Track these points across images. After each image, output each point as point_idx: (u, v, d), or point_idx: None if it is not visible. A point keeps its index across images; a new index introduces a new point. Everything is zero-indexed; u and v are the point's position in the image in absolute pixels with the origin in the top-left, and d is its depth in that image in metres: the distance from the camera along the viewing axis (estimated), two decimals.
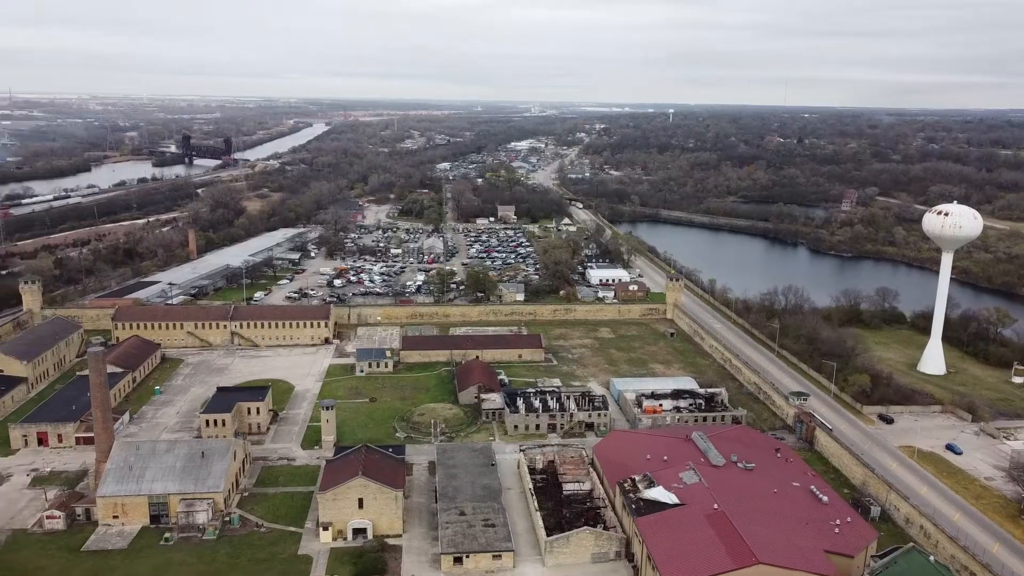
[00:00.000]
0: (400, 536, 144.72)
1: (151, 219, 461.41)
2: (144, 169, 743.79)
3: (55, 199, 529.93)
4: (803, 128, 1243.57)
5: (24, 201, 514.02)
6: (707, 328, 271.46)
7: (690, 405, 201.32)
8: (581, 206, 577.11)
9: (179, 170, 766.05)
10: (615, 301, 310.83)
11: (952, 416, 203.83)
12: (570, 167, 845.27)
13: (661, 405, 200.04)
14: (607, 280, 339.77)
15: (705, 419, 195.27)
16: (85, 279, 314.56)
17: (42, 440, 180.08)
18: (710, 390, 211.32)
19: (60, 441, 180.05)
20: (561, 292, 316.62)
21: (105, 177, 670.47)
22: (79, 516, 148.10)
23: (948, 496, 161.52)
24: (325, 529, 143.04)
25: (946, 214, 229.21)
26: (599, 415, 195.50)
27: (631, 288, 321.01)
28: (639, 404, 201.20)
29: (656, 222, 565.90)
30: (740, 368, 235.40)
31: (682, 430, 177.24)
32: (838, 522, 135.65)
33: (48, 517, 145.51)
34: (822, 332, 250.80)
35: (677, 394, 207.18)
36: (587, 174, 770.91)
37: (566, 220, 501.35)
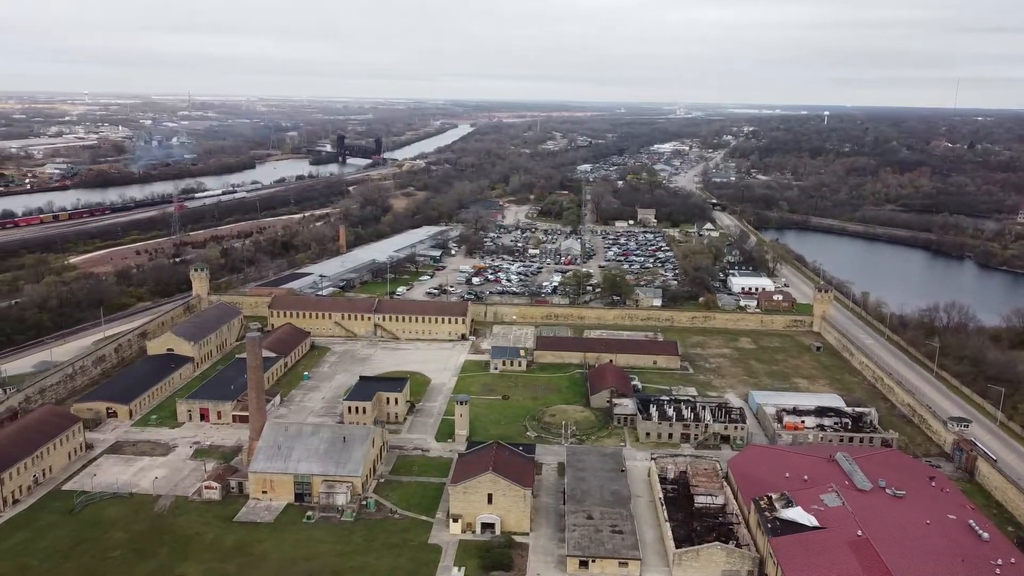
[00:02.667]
0: (527, 534, 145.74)
1: (306, 214, 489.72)
2: (302, 167, 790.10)
3: (223, 194, 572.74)
4: (975, 132, 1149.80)
5: (197, 195, 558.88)
6: (857, 343, 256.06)
7: (835, 424, 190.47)
8: (725, 211, 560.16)
9: (333, 168, 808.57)
10: (758, 310, 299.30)
11: None
12: (715, 171, 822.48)
13: (803, 422, 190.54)
14: (750, 288, 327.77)
15: (851, 440, 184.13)
16: (246, 268, 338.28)
17: (204, 416, 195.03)
18: (858, 409, 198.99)
19: (219, 418, 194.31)
20: (700, 299, 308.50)
21: (267, 174, 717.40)
22: (233, 489, 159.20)
23: None
24: (455, 521, 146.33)
25: None
26: (736, 428, 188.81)
27: (775, 298, 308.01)
28: (779, 419, 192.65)
29: (805, 230, 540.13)
30: (892, 388, 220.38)
31: (825, 449, 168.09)
32: (1000, 562, 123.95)
33: (206, 487, 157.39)
34: (989, 354, 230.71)
35: (821, 411, 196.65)
36: (732, 178, 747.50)
37: (708, 225, 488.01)
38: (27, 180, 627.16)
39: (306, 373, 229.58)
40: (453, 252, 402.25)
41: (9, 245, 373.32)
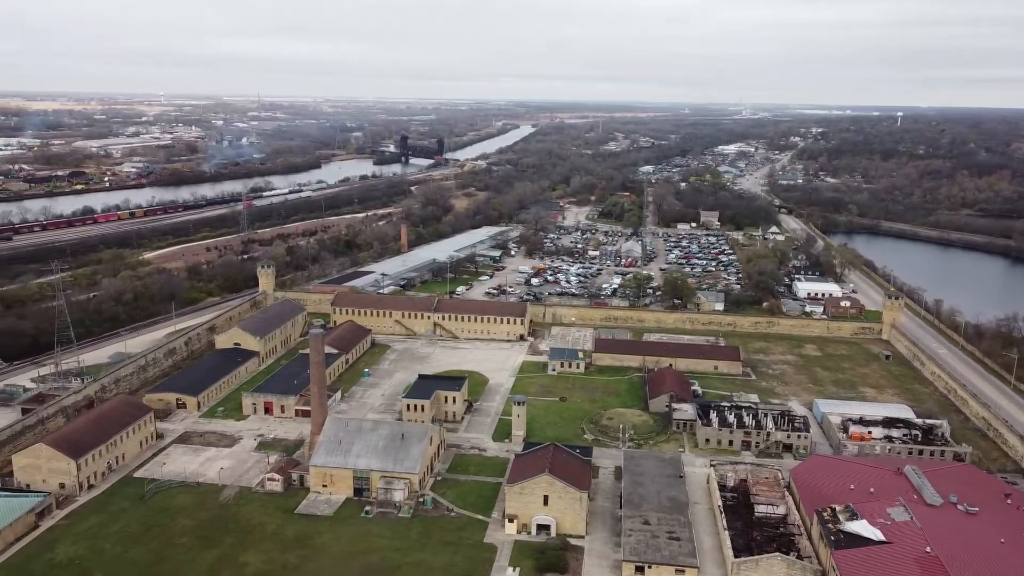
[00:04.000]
0: (582, 537, 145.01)
1: (369, 213, 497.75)
2: (365, 167, 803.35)
3: (289, 192, 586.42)
4: None
5: (265, 194, 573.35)
6: (929, 353, 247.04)
7: (904, 436, 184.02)
8: (791, 214, 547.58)
9: (396, 168, 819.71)
10: (824, 317, 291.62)
11: None
12: (781, 173, 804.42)
13: (870, 432, 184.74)
14: (816, 294, 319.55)
15: (921, 453, 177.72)
16: (311, 266, 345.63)
17: (268, 409, 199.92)
18: (929, 421, 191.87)
19: (282, 411, 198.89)
20: (764, 304, 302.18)
21: (332, 174, 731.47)
22: (294, 481, 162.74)
23: None
24: (511, 521, 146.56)
25: None
26: (799, 436, 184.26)
27: (843, 304, 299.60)
28: (845, 429, 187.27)
29: (875, 234, 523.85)
30: (967, 400, 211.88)
31: (893, 462, 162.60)
32: None
33: (269, 479, 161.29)
34: None
35: (890, 422, 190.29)
36: (800, 180, 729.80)
37: (773, 228, 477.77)
38: (106, 178, 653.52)
39: (366, 370, 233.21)
40: (513, 252, 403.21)
41: (89, 240, 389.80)
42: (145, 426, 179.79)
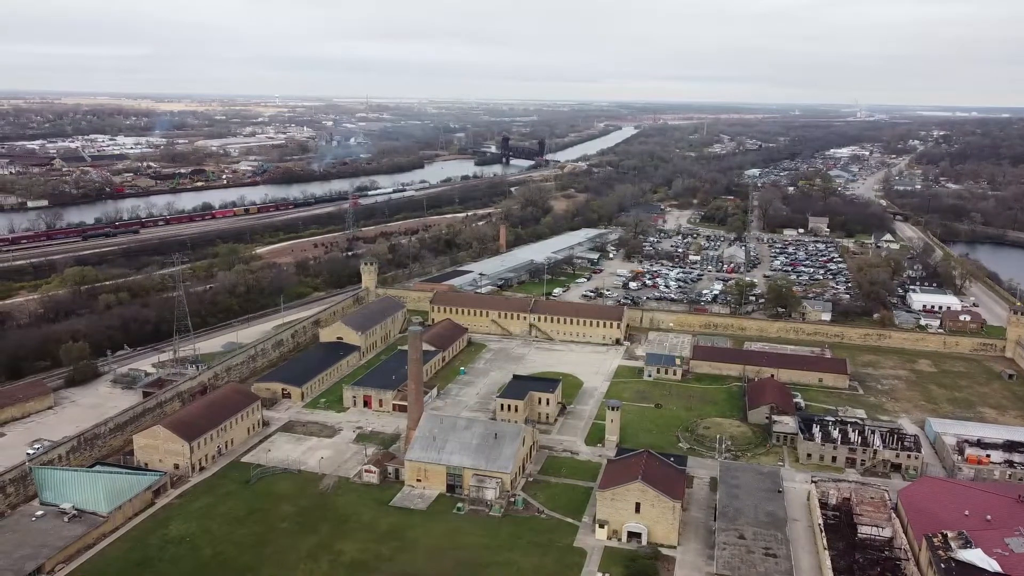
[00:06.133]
0: (674, 547, 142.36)
1: (469, 213, 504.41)
2: (467, 167, 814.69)
3: (393, 192, 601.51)
4: None
5: (370, 193, 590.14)
6: None
7: None
8: (908, 221, 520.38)
9: (496, 169, 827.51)
10: (940, 331, 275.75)
11: None
12: (898, 178, 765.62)
13: (989, 456, 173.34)
14: (932, 306, 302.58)
15: None
16: (411, 264, 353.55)
17: (367, 402, 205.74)
18: None
19: (381, 405, 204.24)
20: (875, 315, 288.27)
21: (435, 173, 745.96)
22: (390, 474, 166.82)
23: None
24: (601, 527, 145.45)
25: None
26: (909, 456, 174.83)
27: (962, 318, 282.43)
28: (960, 451, 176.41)
29: (1001, 244, 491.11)
30: None
31: (1014, 488, 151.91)
32: None
33: (366, 471, 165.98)
34: None
35: (1012, 446, 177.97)
36: (918, 186, 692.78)
37: (887, 236, 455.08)
38: (224, 176, 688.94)
39: (462, 368, 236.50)
40: (611, 255, 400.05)
41: (208, 235, 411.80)
42: (253, 413, 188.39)
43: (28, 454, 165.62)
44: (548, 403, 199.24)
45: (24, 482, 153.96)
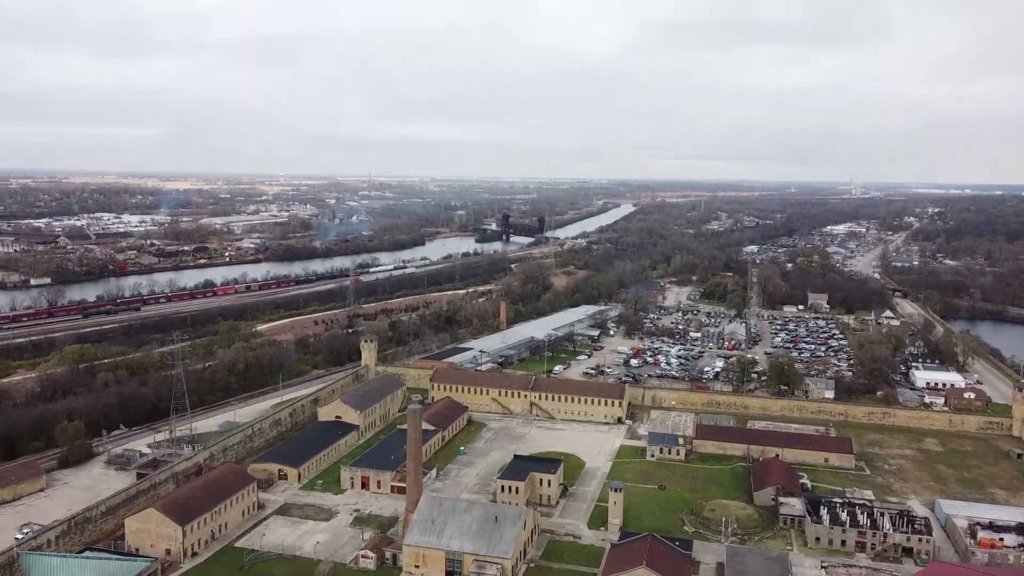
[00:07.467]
0: None
1: (470, 290, 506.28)
2: (468, 244, 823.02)
3: (394, 269, 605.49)
4: None
5: (371, 269, 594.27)
6: None
7: None
8: (907, 297, 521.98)
9: (497, 246, 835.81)
10: (945, 409, 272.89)
11: None
12: (895, 254, 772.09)
13: (1002, 539, 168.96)
14: (936, 384, 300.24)
15: None
16: (412, 341, 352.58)
17: (364, 484, 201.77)
18: None
19: (379, 487, 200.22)
20: (878, 393, 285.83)
21: (436, 250, 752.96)
22: (387, 560, 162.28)
23: None
24: None
25: None
26: (920, 540, 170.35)
27: (967, 396, 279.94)
28: (972, 534, 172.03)
29: (1001, 320, 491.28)
30: None
31: None
32: None
33: (363, 556, 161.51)
34: None
35: None
36: (915, 262, 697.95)
37: (887, 313, 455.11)
38: (227, 253, 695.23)
39: (462, 448, 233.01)
40: (612, 332, 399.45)
41: (209, 312, 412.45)
42: (248, 496, 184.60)
43: (16, 538, 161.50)
44: (550, 484, 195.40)
45: (11, 568, 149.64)
